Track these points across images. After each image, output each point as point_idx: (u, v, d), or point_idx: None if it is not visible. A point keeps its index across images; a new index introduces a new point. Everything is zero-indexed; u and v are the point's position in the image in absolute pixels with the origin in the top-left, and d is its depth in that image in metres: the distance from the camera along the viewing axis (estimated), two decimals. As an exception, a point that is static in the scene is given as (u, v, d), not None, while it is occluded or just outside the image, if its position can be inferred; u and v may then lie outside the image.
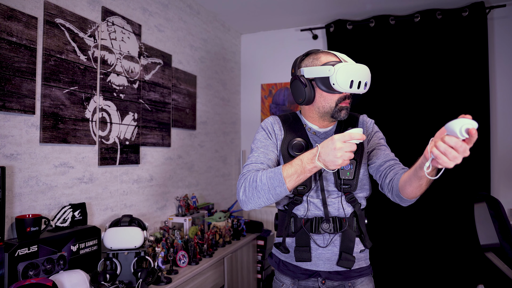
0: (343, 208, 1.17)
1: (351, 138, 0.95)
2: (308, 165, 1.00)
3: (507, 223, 1.42)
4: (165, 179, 2.35)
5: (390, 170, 1.16)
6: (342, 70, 1.06)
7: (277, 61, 3.34)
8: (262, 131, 1.25)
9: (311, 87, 1.15)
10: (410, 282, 2.73)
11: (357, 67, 1.08)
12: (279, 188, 1.02)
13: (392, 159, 1.20)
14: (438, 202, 2.65)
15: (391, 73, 2.85)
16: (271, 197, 1.04)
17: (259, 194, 1.05)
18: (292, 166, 1.02)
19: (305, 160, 1.00)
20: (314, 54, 1.18)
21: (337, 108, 1.16)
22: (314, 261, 1.17)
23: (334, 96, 1.15)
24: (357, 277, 1.20)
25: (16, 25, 1.42)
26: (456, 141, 0.77)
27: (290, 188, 1.02)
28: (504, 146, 2.66)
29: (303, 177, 1.02)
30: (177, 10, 2.50)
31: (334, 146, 0.94)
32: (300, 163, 1.01)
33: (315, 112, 1.21)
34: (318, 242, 1.17)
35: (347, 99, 1.17)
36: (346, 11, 2.93)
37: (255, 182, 1.06)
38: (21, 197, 1.46)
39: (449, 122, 0.78)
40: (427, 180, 0.97)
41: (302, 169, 1.00)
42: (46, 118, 1.55)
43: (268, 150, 1.20)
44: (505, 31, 2.69)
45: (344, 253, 1.14)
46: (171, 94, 2.40)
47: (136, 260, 1.57)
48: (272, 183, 1.03)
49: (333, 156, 0.94)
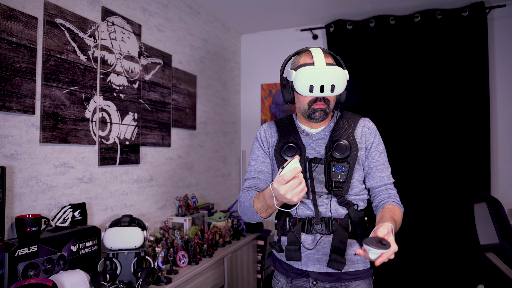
0: (330, 210, 1.15)
1: (293, 175, 0.90)
2: (270, 203, 1.02)
3: (507, 223, 1.42)
4: (165, 179, 2.35)
5: (378, 196, 1.21)
6: (300, 75, 1.08)
7: (277, 61, 3.33)
8: (256, 142, 1.31)
9: (289, 88, 1.19)
10: (410, 282, 2.73)
11: (319, 70, 1.06)
12: (256, 216, 1.12)
13: (383, 184, 1.21)
14: (438, 202, 2.65)
15: (391, 73, 2.85)
16: (255, 219, 1.15)
17: (245, 215, 1.18)
18: (259, 202, 1.08)
19: (267, 197, 1.03)
20: (299, 55, 1.20)
21: (310, 109, 1.17)
22: (304, 261, 1.17)
23: (306, 98, 1.16)
24: (352, 280, 1.16)
25: (16, 25, 1.42)
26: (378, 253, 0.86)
27: (265, 217, 1.11)
28: (504, 146, 2.66)
29: (272, 210, 1.08)
30: (177, 10, 2.50)
31: (279, 193, 0.92)
32: (263, 199, 1.06)
33: (299, 112, 1.24)
34: (308, 242, 1.16)
35: (319, 101, 1.15)
36: (346, 11, 2.93)
37: (241, 204, 1.18)
38: (21, 197, 1.46)
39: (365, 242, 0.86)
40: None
41: (267, 205, 1.05)
42: (46, 118, 1.55)
43: (259, 162, 1.27)
44: (505, 31, 2.69)
45: (334, 254, 1.11)
46: (171, 94, 2.40)
47: (136, 260, 1.57)
48: (250, 211, 1.13)
49: (286, 200, 0.94)
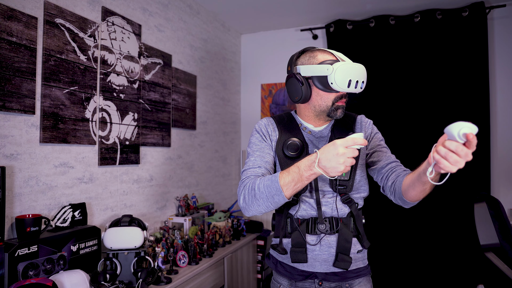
0: (337, 208, 1.16)
1: (354, 144, 0.92)
2: (305, 173, 0.97)
3: (507, 223, 1.42)
4: (165, 179, 2.35)
5: (392, 173, 1.15)
6: (340, 70, 1.06)
7: (277, 61, 3.34)
8: (256, 134, 1.24)
9: (307, 85, 1.14)
10: (409, 282, 2.73)
11: (355, 66, 1.08)
12: (277, 197, 1.01)
13: (393, 161, 1.19)
14: (438, 202, 2.65)
15: (391, 73, 2.85)
16: (270, 205, 1.04)
17: (258, 202, 1.04)
18: (289, 174, 0.99)
19: (302, 167, 0.97)
20: (310, 52, 1.17)
21: (334, 107, 1.15)
22: (310, 262, 1.16)
23: (331, 95, 1.14)
24: (355, 278, 1.18)
25: (16, 25, 1.42)
26: (456, 145, 0.76)
27: (288, 196, 1.00)
28: (504, 146, 2.66)
29: (301, 185, 0.99)
30: (177, 10, 2.50)
31: (337, 151, 0.91)
32: (297, 170, 0.98)
33: (311, 110, 1.20)
34: (312, 243, 1.15)
35: (344, 98, 1.16)
36: (346, 11, 2.93)
37: (253, 191, 1.05)
38: (21, 197, 1.46)
39: (448, 126, 0.76)
40: (431, 185, 0.96)
41: (300, 177, 0.98)
42: (46, 118, 1.55)
43: (264, 153, 1.19)
44: (505, 31, 2.69)
45: (340, 254, 1.13)
46: (171, 94, 2.40)
47: (136, 260, 1.57)
48: (270, 191, 1.01)
49: (335, 162, 0.91)
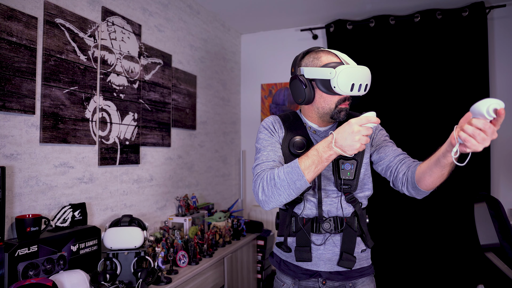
0: (341, 208, 1.17)
1: (368, 122, 0.95)
2: (324, 154, 0.99)
3: (507, 223, 1.42)
4: (165, 179, 2.35)
5: (402, 164, 1.15)
6: (343, 73, 1.05)
7: (277, 61, 3.34)
8: (264, 130, 1.24)
9: (311, 87, 1.14)
10: (410, 282, 2.73)
11: (359, 69, 1.07)
12: (299, 182, 1.00)
13: (401, 153, 1.20)
14: (438, 202, 2.65)
15: (391, 73, 2.85)
16: (292, 192, 1.03)
17: (279, 191, 1.03)
18: (309, 158, 1.00)
19: (320, 149, 1.00)
20: (315, 53, 1.17)
21: (337, 109, 1.15)
22: (314, 261, 1.17)
23: (334, 98, 1.14)
24: (358, 277, 1.19)
25: (16, 25, 1.42)
26: (484, 123, 0.78)
27: (309, 180, 1.01)
28: (504, 146, 2.66)
29: (321, 167, 1.01)
30: (177, 10, 2.50)
31: (352, 129, 0.94)
32: (316, 153, 1.00)
33: (314, 112, 1.20)
34: (318, 242, 1.17)
35: (347, 100, 1.16)
36: (346, 11, 2.93)
37: (273, 180, 1.04)
38: (21, 197, 1.46)
39: (475, 104, 0.78)
40: (450, 169, 0.97)
41: (319, 159, 0.99)
42: (46, 118, 1.55)
43: (276, 147, 1.19)
44: (505, 31, 2.69)
45: (345, 253, 1.14)
46: (171, 94, 2.40)
47: (136, 260, 1.57)
48: (291, 177, 1.01)
49: (351, 140, 0.94)
